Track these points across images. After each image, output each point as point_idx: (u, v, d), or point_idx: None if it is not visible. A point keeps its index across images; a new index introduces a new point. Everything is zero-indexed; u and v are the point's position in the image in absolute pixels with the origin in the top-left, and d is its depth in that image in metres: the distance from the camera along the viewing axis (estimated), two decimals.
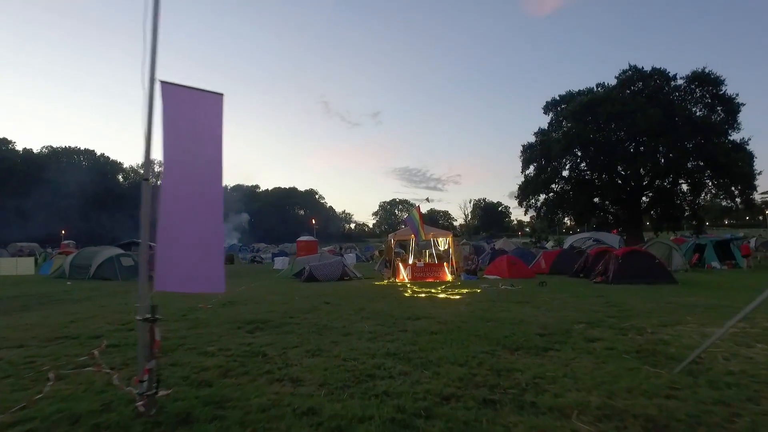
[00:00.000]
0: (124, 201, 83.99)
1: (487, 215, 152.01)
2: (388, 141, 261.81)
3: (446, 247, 22.11)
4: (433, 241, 21.93)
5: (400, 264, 20.75)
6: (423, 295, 14.58)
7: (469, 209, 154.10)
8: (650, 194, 43.82)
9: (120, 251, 25.30)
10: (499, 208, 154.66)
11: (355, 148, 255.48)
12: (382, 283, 19.76)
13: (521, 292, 14.96)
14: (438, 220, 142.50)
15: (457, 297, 13.99)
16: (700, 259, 27.22)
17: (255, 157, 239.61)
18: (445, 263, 20.95)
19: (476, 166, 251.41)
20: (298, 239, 38.28)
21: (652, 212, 44.77)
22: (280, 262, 32.92)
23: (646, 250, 21.25)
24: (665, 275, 17.56)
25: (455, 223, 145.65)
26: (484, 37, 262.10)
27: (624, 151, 38.85)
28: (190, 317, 10.10)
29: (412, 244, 22.11)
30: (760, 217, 76.52)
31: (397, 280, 20.41)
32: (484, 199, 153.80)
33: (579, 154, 41.12)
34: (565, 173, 44.81)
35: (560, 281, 19.19)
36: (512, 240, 57.69)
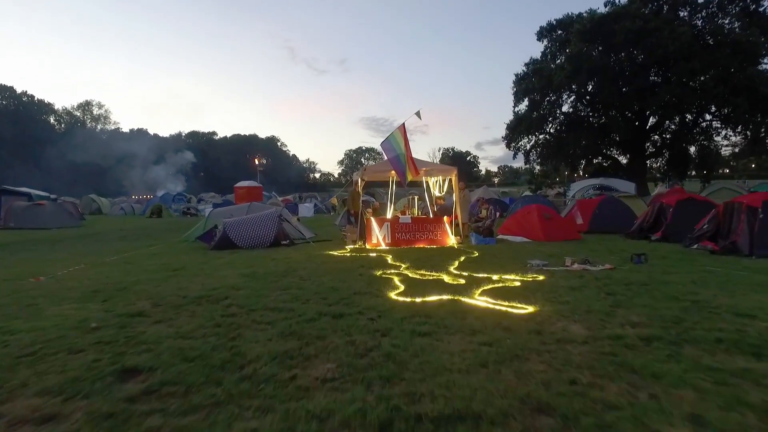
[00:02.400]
0: (60, 147, 71.18)
1: (456, 164, 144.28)
2: (355, 89, 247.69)
3: (445, 192, 13.78)
4: (426, 184, 13.58)
5: (373, 220, 12.34)
6: (430, 299, 6.18)
7: (438, 158, 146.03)
8: (661, 136, 36.35)
9: None
10: (468, 158, 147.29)
11: (321, 96, 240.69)
12: (341, 252, 11.37)
13: (632, 277, 6.90)
14: None
15: (516, 308, 5.73)
16: None
17: (212, 103, 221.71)
18: (444, 217, 12.66)
19: (444, 116, 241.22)
20: (237, 185, 28.50)
21: (659, 158, 37.51)
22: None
23: None
24: None
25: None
26: None
27: (644, 80, 30.87)
28: None
29: (392, 186, 13.65)
30: None
31: (367, 246, 12.09)
32: (452, 148, 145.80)
33: (588, 83, 32.87)
34: (566, 108, 36.72)
35: (651, 250, 11.24)
36: (492, 189, 49.77)
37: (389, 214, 13.22)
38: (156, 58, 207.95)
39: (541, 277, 7.35)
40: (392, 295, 6.11)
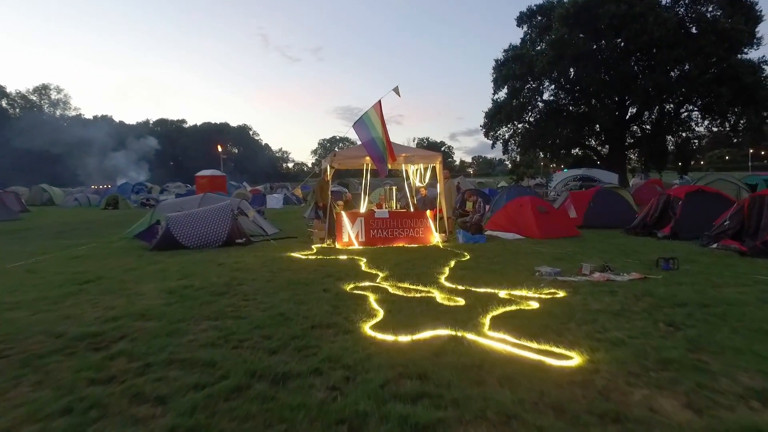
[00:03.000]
0: (6, 133, 65.82)
1: None
2: (329, 78, 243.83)
3: (428, 182, 11.91)
4: (406, 172, 11.68)
5: (344, 215, 10.39)
6: (422, 336, 4.32)
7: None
8: (641, 126, 35.32)
9: None
10: (443, 148, 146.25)
11: (294, 84, 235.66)
12: (306, 254, 9.42)
13: (678, 294, 5.19)
14: None
15: (554, 355, 3.86)
16: None
17: (182, 90, 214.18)
18: (428, 211, 10.80)
19: (419, 107, 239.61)
20: (199, 173, 25.65)
21: (638, 149, 36.50)
22: None
23: None
24: None
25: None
26: None
27: (627, 67, 29.56)
28: None
29: (367, 175, 11.66)
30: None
31: (337, 245, 10.15)
32: (427, 138, 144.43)
33: (570, 70, 31.38)
34: (546, 96, 35.28)
35: (667, 251, 9.66)
36: (468, 179, 48.25)
37: (363, 208, 11.32)
38: (123, 43, 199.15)
39: (561, 294, 5.58)
40: (367, 328, 4.24)
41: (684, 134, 34.54)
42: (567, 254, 8.66)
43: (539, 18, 37.01)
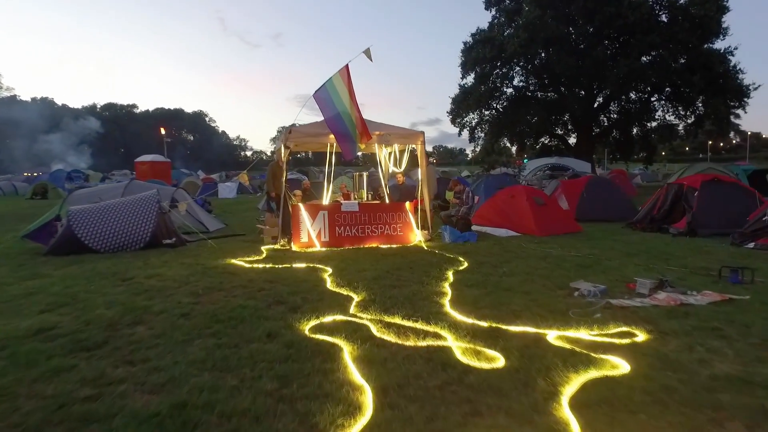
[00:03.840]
0: None
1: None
2: (289, 65, 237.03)
3: (405, 167, 9.68)
4: (380, 156, 9.40)
5: (302, 208, 8.08)
6: None
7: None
8: (610, 116, 34.38)
9: None
10: None
11: (253, 71, 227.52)
12: (251, 260, 7.11)
13: None
14: None
15: None
16: None
17: (133, 73, 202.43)
18: (406, 203, 8.62)
19: (379, 96, 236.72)
20: (139, 159, 21.92)
21: (607, 138, 35.63)
22: None
23: None
24: None
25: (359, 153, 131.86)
26: None
27: (601, 52, 28.21)
28: None
29: (331, 158, 9.22)
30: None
31: (294, 247, 7.85)
32: None
33: (542, 53, 29.79)
34: (516, 82, 33.66)
35: (690, 250, 7.91)
36: (437, 168, 46.34)
37: (326, 199, 9.05)
38: (66, 17, 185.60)
39: (639, 335, 3.56)
40: None
41: (650, 124, 33.83)
42: (591, 259, 6.72)
43: (507, 1, 35.30)
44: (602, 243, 8.41)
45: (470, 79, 34.18)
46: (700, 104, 29.66)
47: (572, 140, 36.69)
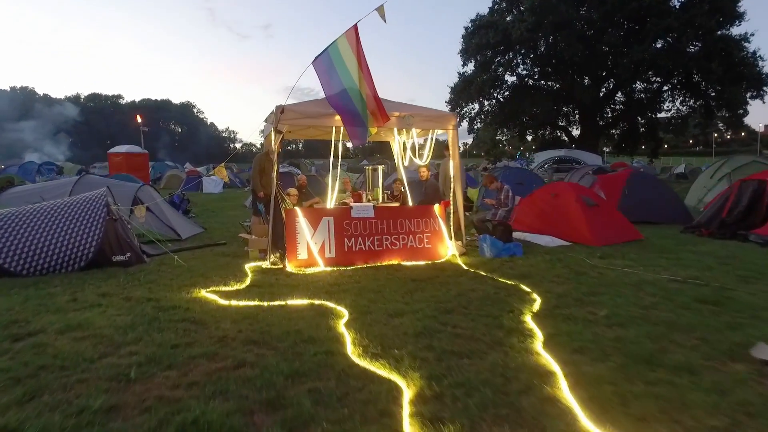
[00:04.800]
0: None
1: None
2: (279, 57, 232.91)
3: (428, 159, 7.58)
4: (399, 144, 7.32)
5: (300, 213, 5.98)
6: None
7: None
8: (616, 106, 32.56)
9: None
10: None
11: (243, 62, 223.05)
12: (227, 290, 5.01)
13: None
14: None
15: None
16: None
17: (118, 63, 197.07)
18: (435, 205, 6.56)
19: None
20: (112, 150, 19.18)
21: (614, 129, 33.83)
22: None
23: None
24: None
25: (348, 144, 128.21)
26: None
27: (613, 37, 26.25)
28: None
29: (337, 147, 7.07)
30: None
31: (288, 267, 5.77)
32: None
33: (550, 39, 27.73)
34: (521, 70, 31.65)
35: None
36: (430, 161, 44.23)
37: (331, 202, 6.95)
38: (49, 5, 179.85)
39: None
40: None
41: (657, 115, 32.10)
42: (708, 290, 4.74)
43: None
44: (684, 257, 6.46)
45: (471, 67, 32.15)
46: (713, 93, 27.93)
47: (575, 132, 34.90)
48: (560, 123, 34.82)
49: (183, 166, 42.44)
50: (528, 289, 4.77)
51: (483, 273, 5.58)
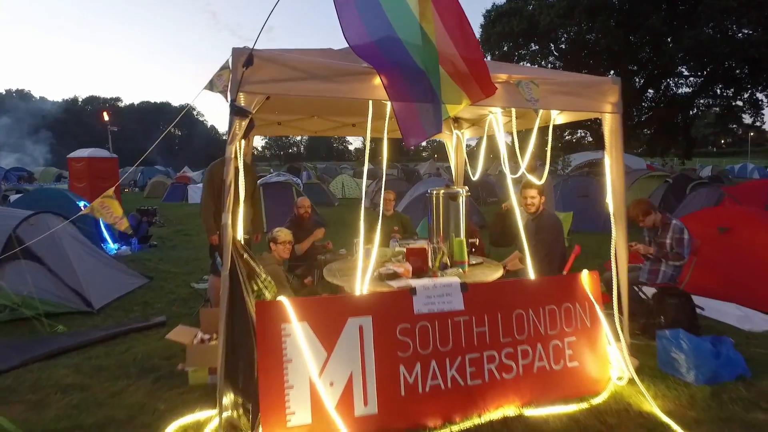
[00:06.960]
0: None
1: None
2: None
3: (544, 168, 3.96)
4: (462, 140, 3.79)
5: (290, 312, 2.46)
6: None
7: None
8: (652, 102, 28.90)
9: None
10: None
11: None
12: None
13: None
14: None
15: None
16: None
17: (118, 67, 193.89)
18: (583, 275, 3.02)
19: None
20: (72, 155, 15.42)
21: (646, 129, 30.15)
22: None
23: None
24: None
25: (350, 147, 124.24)
26: None
27: (657, 22, 22.60)
28: None
29: (376, 147, 3.40)
30: None
31: None
32: None
33: (584, 26, 24.11)
34: (545, 63, 28.03)
35: None
36: (438, 163, 39.67)
37: (366, 267, 3.17)
38: (49, 6, 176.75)
39: None
40: None
41: (698, 111, 28.55)
42: None
43: None
44: None
45: (489, 59, 28.55)
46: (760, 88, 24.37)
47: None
48: (586, 122, 31.22)
49: (180, 171, 38.83)
50: None
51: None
